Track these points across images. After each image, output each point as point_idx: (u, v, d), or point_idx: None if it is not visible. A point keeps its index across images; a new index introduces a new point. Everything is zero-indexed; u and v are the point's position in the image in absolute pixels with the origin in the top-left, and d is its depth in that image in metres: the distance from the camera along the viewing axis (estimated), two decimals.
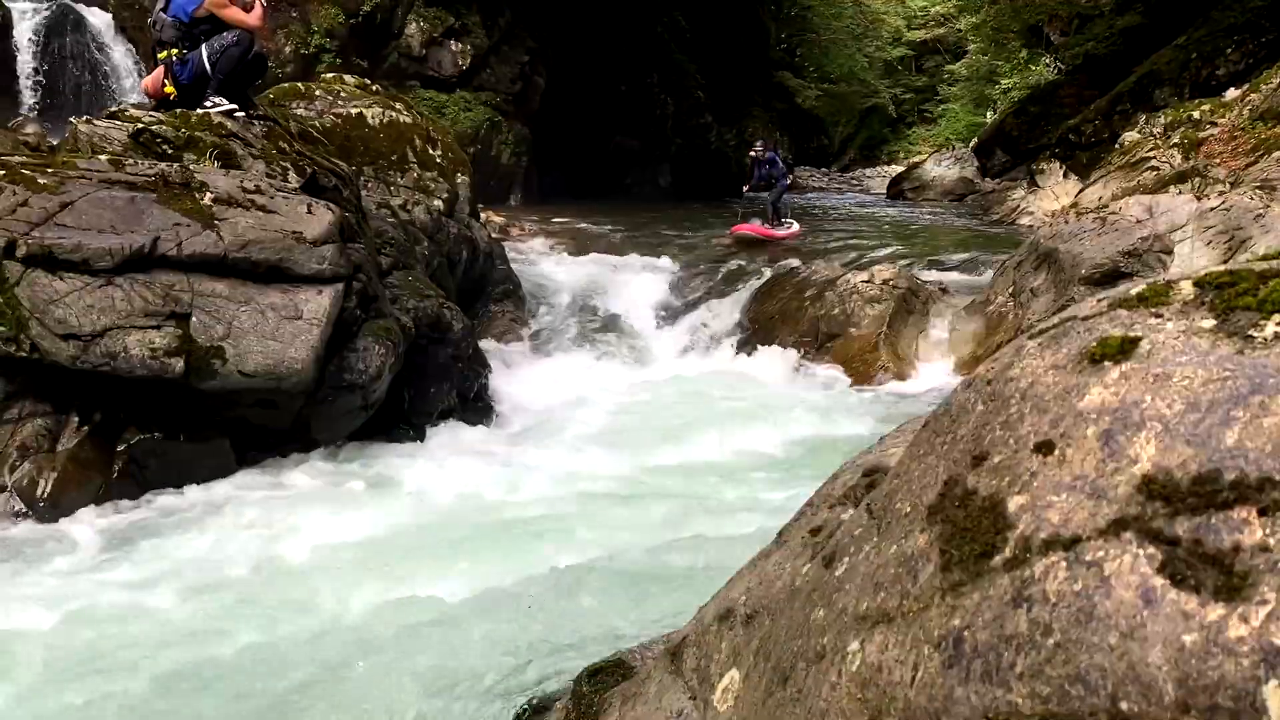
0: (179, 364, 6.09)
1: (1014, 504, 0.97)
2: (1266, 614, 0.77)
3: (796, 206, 24.04)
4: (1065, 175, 18.72)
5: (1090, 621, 0.85)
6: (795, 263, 12.23)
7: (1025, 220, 18.06)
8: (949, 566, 0.99)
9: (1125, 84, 18.91)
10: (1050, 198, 18.46)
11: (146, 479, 6.33)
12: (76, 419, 6.35)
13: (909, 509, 1.11)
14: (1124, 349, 1.01)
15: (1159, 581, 0.83)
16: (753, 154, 15.95)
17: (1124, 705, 0.81)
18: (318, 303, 6.64)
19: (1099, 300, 1.13)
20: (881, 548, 1.12)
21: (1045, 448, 0.98)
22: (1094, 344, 1.04)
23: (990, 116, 31.80)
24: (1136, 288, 1.11)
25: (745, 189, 16.72)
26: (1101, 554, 0.88)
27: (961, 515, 1.02)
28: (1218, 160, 12.84)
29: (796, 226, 16.08)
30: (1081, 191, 15.98)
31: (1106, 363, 1.01)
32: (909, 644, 0.99)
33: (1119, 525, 0.88)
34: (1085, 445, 0.95)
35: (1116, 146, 15.93)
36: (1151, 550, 0.85)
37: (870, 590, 1.08)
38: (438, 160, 10.87)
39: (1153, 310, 1.05)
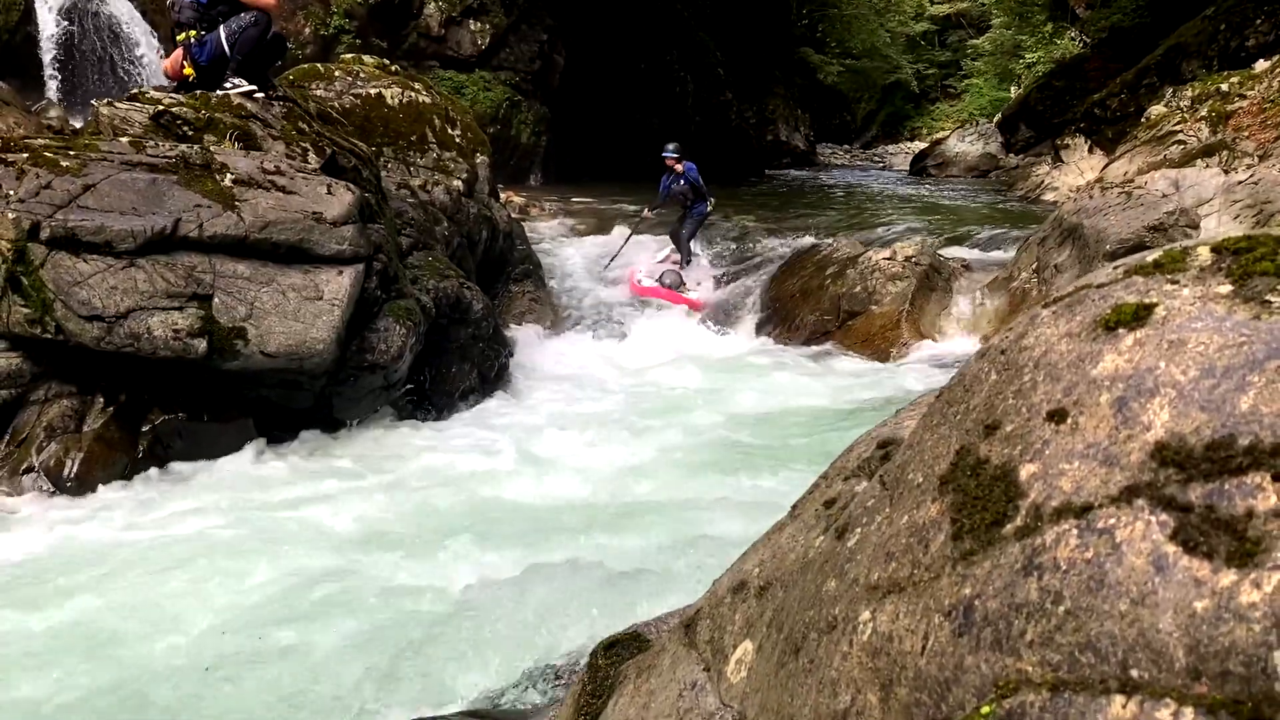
0: (202, 345, 6.14)
1: (1026, 472, 0.97)
2: (1279, 580, 0.76)
3: (814, 187, 23.85)
4: (1090, 150, 18.50)
5: (1101, 589, 0.84)
6: (816, 240, 12.16)
7: (1049, 196, 17.89)
8: (960, 535, 0.99)
9: (1152, 57, 18.63)
10: (1075, 173, 18.26)
11: (171, 459, 6.39)
12: (101, 400, 6.42)
13: (921, 479, 1.10)
14: (1139, 316, 1.00)
15: (1171, 548, 0.82)
16: (667, 159, 12.29)
17: (1134, 672, 0.80)
18: (338, 283, 6.67)
19: (1115, 268, 1.12)
20: (893, 518, 1.11)
21: (1058, 416, 0.97)
22: (1108, 311, 1.03)
23: (1014, 91, 31.44)
24: (1153, 254, 1.10)
25: (646, 211, 12.71)
26: (1113, 521, 0.87)
27: (973, 484, 1.01)
28: (1246, 133, 12.62)
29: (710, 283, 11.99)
30: (1107, 166, 15.77)
31: (1121, 330, 1.00)
32: (920, 613, 0.98)
33: (1131, 492, 0.88)
34: (1098, 413, 0.94)
35: (1142, 120, 15.70)
36: (1164, 517, 0.84)
37: (882, 560, 1.08)
38: (457, 140, 10.87)
39: (1169, 276, 1.04)
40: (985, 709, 0.87)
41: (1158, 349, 0.95)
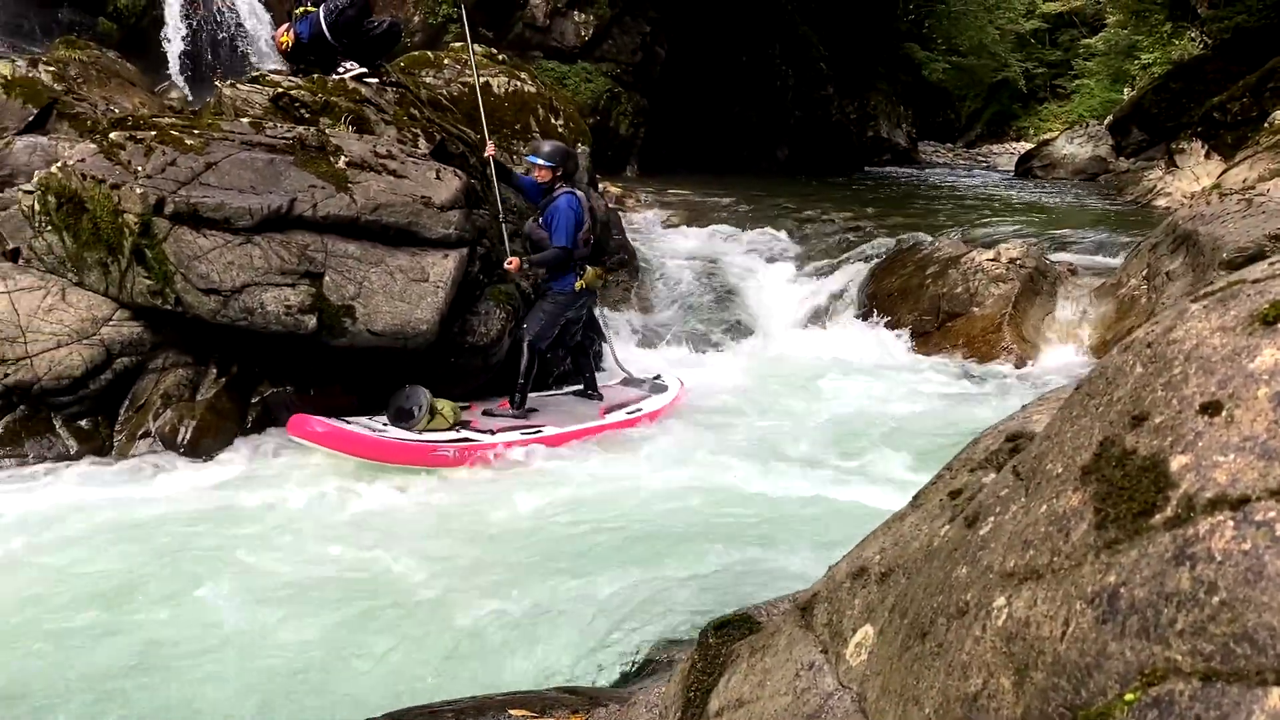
0: (312, 321, 6.33)
1: (1177, 463, 0.96)
2: None
3: (914, 185, 23.40)
4: (1207, 155, 17.79)
5: (1260, 580, 0.83)
6: (917, 238, 11.95)
7: (1162, 202, 17.28)
8: (1104, 524, 0.99)
9: (1278, 59, 17.84)
10: (1190, 179, 17.60)
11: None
12: (215, 370, 6.68)
13: (1060, 469, 1.10)
14: None
15: None
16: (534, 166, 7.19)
17: None
18: (444, 266, 6.82)
19: (1271, 263, 1.10)
20: (1030, 507, 1.11)
21: (1212, 408, 0.97)
22: (1266, 306, 1.01)
23: (1128, 93, 30.47)
24: None
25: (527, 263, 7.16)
26: (1273, 514, 0.86)
27: (1119, 475, 1.01)
28: None
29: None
30: (1225, 172, 15.18)
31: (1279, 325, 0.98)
32: (1060, 600, 0.98)
33: None
34: (1256, 406, 0.93)
35: (1265, 125, 15.07)
36: None
37: (1018, 548, 1.08)
38: (560, 130, 10.97)
39: None
40: (1130, 696, 0.87)
41: None
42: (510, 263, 6.96)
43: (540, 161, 7.13)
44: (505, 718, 2.63)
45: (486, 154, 7.34)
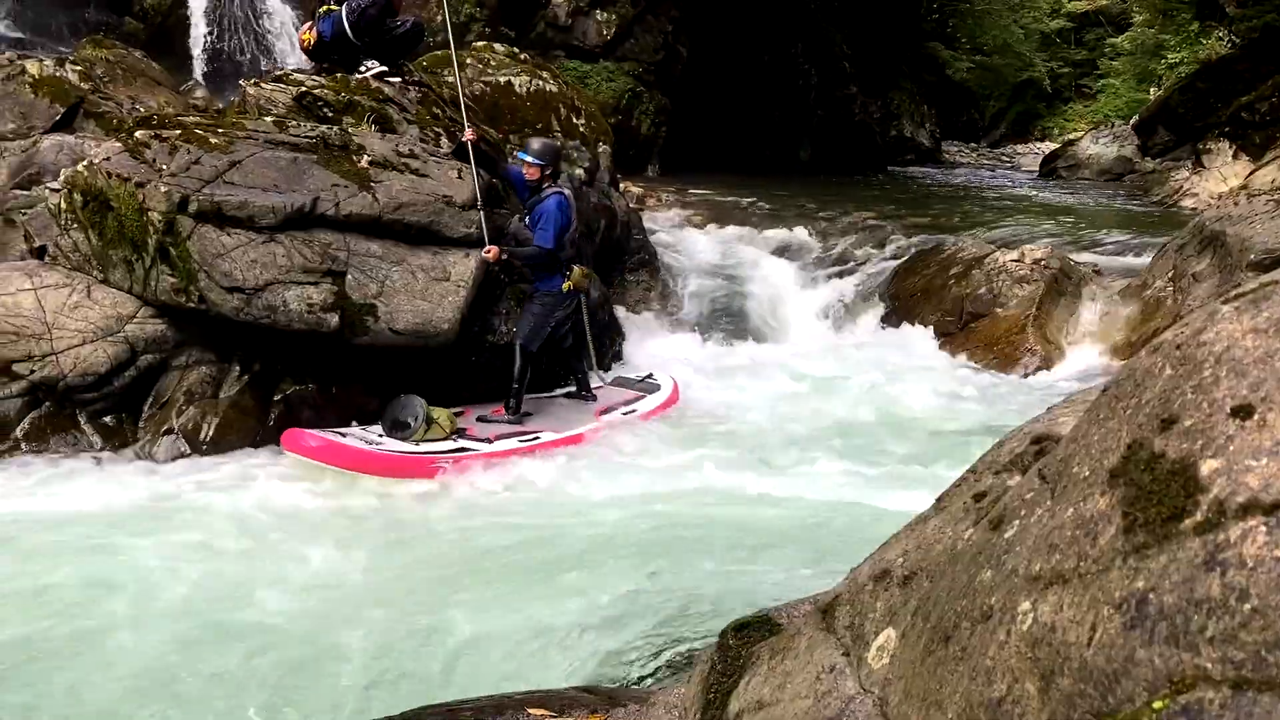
0: (334, 319, 6.35)
1: (1207, 467, 0.94)
2: None
3: (938, 185, 23.28)
4: (1235, 156, 17.61)
5: None
6: (940, 239, 11.88)
7: (1188, 202, 17.11)
8: (1133, 529, 0.97)
9: None
10: (1217, 179, 17.43)
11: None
12: (237, 368, 6.72)
13: (1088, 473, 1.09)
14: None
15: None
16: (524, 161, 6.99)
17: None
18: (465, 265, 6.83)
19: None
20: (1056, 511, 1.10)
21: (1243, 411, 0.95)
22: None
23: (1154, 93, 30.17)
24: None
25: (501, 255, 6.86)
26: None
27: (1147, 478, 0.99)
28: None
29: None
30: (1253, 173, 15.05)
31: None
32: (1086, 605, 0.97)
33: None
34: None
35: None
36: None
37: (1044, 552, 1.07)
38: (581, 129, 10.97)
39: None
40: (1158, 703, 0.85)
41: None
42: (489, 251, 6.74)
43: (530, 159, 6.96)
44: (524, 717, 2.62)
45: (465, 138, 7.18)
